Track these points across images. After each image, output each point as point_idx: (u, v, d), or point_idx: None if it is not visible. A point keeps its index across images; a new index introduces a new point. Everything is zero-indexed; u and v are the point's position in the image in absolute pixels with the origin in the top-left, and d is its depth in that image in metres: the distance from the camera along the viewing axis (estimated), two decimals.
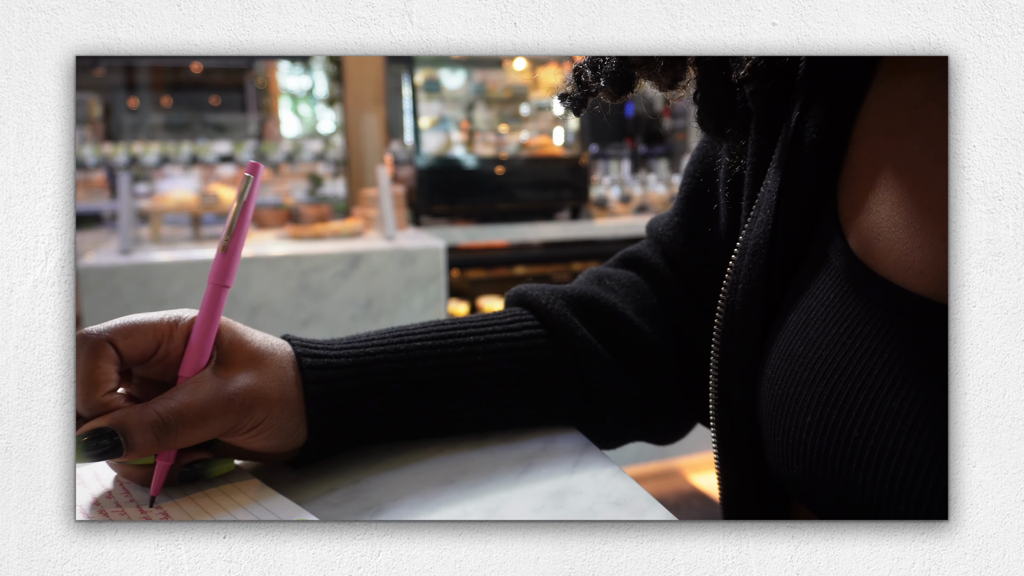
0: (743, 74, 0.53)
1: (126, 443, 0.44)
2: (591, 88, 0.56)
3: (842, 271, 0.48)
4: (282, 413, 0.48)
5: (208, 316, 0.47)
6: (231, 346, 0.48)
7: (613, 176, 3.38)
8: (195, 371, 0.47)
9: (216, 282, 0.47)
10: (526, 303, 0.60)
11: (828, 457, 0.46)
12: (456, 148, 2.88)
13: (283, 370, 0.49)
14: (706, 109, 0.56)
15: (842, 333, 0.47)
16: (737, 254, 0.55)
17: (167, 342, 0.47)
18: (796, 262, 0.52)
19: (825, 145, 0.51)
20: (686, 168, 0.65)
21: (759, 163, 0.55)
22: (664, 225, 0.67)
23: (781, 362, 0.50)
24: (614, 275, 0.66)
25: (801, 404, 0.47)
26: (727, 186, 0.60)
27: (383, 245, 2.26)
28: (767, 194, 0.53)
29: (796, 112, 0.53)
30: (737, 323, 0.54)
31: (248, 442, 0.48)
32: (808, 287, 0.50)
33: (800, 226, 0.52)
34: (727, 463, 0.57)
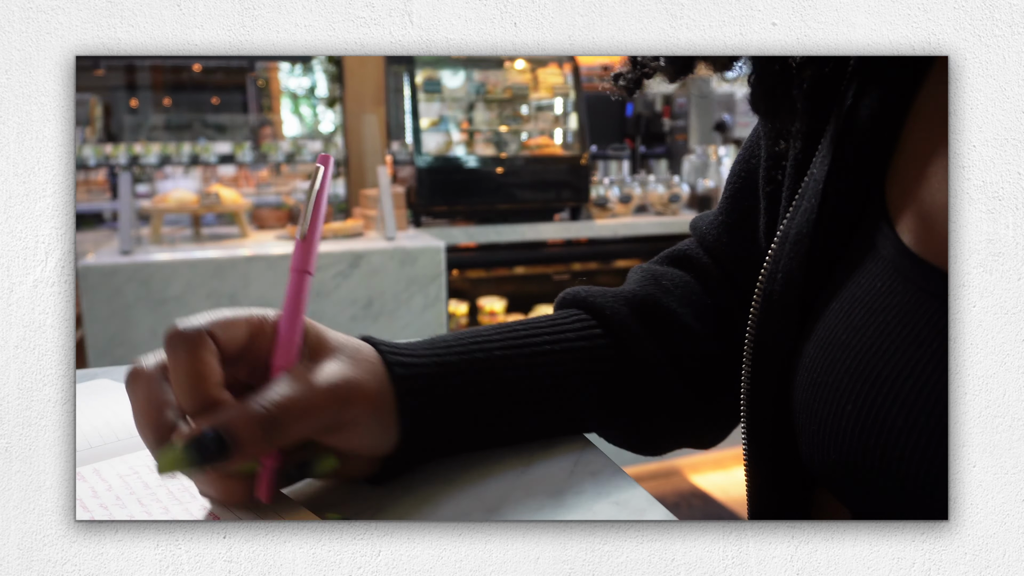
0: (800, 59, 0.53)
1: (234, 443, 0.40)
2: (648, 70, 0.56)
3: (890, 260, 0.48)
4: (378, 405, 0.47)
5: (294, 304, 0.46)
6: (318, 340, 0.46)
7: (613, 176, 3.38)
8: (289, 362, 0.45)
9: (299, 268, 0.47)
10: (589, 307, 0.59)
11: (869, 446, 0.45)
12: (456, 148, 2.88)
13: (374, 365, 0.48)
14: (759, 91, 0.56)
15: (889, 321, 0.46)
16: (777, 242, 0.54)
17: (259, 336, 0.45)
18: (839, 252, 0.52)
19: (877, 131, 0.51)
20: (732, 167, 0.65)
21: (803, 153, 0.55)
22: (709, 224, 0.67)
23: (821, 350, 0.49)
24: (668, 275, 0.65)
25: (842, 391, 0.47)
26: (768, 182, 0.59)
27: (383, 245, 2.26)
28: (813, 182, 0.52)
29: (849, 99, 0.52)
30: (775, 311, 0.53)
31: (345, 440, 0.46)
32: (853, 276, 0.50)
33: (847, 214, 0.51)
34: (757, 457, 0.56)
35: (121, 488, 0.49)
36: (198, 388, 0.42)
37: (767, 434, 0.54)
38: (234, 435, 0.41)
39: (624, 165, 3.64)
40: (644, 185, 3.11)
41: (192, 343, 0.42)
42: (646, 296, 0.61)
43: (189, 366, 0.42)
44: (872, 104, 0.51)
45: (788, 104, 0.56)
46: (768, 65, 0.55)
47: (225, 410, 0.41)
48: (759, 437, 0.55)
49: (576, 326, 0.58)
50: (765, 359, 0.54)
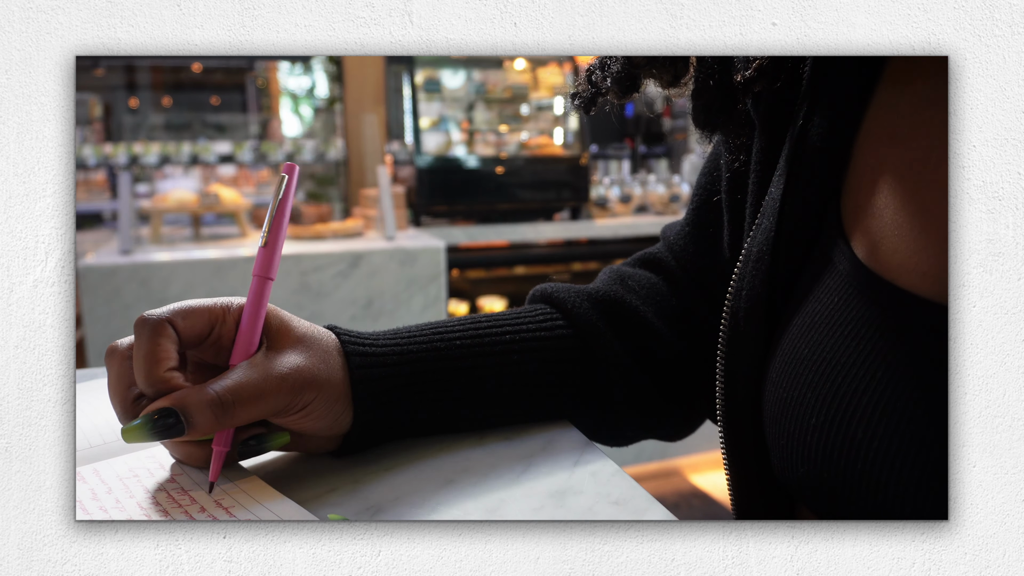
0: (749, 74, 0.53)
1: (187, 422, 0.45)
2: (601, 88, 0.57)
3: (846, 275, 0.48)
4: (330, 394, 0.50)
5: (255, 307, 0.50)
6: (279, 331, 0.50)
7: (613, 176, 3.37)
8: (245, 357, 0.49)
9: (259, 274, 0.50)
10: (554, 303, 0.62)
11: (833, 459, 0.46)
12: (456, 148, 2.88)
13: (330, 355, 0.51)
14: (701, 106, 0.57)
15: (847, 336, 0.47)
16: (742, 261, 0.55)
17: (220, 325, 0.49)
18: (799, 268, 0.52)
19: (829, 151, 0.52)
20: (697, 179, 0.67)
21: (763, 170, 0.55)
22: (676, 233, 0.68)
23: (785, 366, 0.50)
24: (635, 275, 0.67)
25: (806, 406, 0.47)
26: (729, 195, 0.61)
27: (383, 245, 2.26)
28: (771, 201, 0.53)
29: (800, 120, 0.53)
30: (741, 328, 0.54)
31: (298, 423, 0.50)
32: (812, 291, 0.50)
33: (804, 232, 0.52)
34: (736, 466, 0.57)
35: (120, 488, 0.49)
36: (151, 370, 0.46)
37: (745, 448, 0.55)
38: (188, 415, 0.45)
39: (624, 165, 3.64)
40: (644, 185, 3.11)
41: (152, 329, 0.47)
42: (610, 292, 0.63)
43: (147, 350, 0.46)
44: (822, 127, 0.52)
45: (730, 119, 0.57)
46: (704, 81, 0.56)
47: (184, 392, 0.46)
48: (737, 451, 0.56)
49: (539, 319, 0.60)
50: (736, 376, 0.55)
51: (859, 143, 0.52)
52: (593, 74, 0.58)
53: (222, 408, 0.46)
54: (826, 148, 0.52)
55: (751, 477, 0.55)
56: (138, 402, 0.48)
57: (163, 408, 0.45)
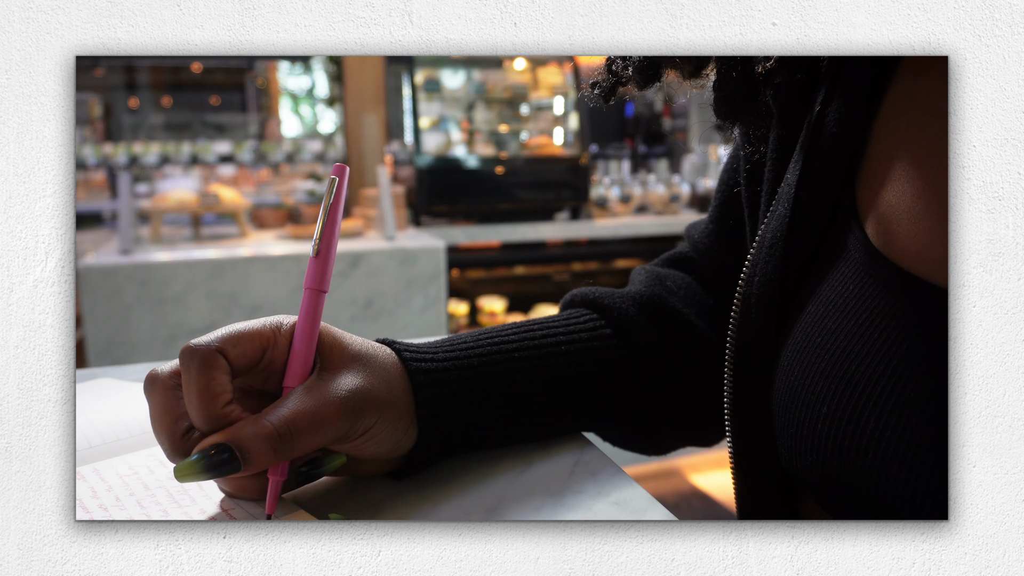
0: (770, 65, 0.53)
1: (243, 458, 0.42)
2: (622, 78, 0.57)
3: (861, 262, 0.48)
4: (392, 415, 0.47)
5: (309, 322, 0.46)
6: (332, 350, 0.47)
7: (613, 176, 3.38)
8: (301, 379, 0.45)
9: (312, 287, 0.46)
10: (599, 308, 0.61)
11: (843, 448, 0.45)
12: (456, 148, 2.88)
13: (389, 372, 0.48)
14: (723, 97, 0.57)
15: (861, 324, 0.46)
16: (755, 247, 0.55)
17: (272, 349, 0.46)
18: (813, 255, 0.52)
19: (845, 138, 0.51)
20: (720, 176, 0.66)
21: (779, 158, 0.55)
22: (701, 232, 0.68)
23: (797, 353, 0.49)
24: (671, 276, 0.67)
25: (817, 395, 0.47)
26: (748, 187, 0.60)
27: (383, 245, 2.26)
28: (786, 187, 0.53)
29: (817, 106, 0.53)
30: (753, 315, 0.54)
31: (358, 448, 0.47)
32: (826, 279, 0.50)
33: (818, 218, 0.52)
34: (742, 459, 0.57)
35: (121, 488, 0.49)
36: (207, 406, 0.43)
37: (750, 437, 0.55)
38: (244, 450, 0.42)
39: (624, 165, 3.64)
40: (644, 185, 3.11)
41: (203, 361, 0.43)
42: (653, 296, 0.63)
43: (200, 384, 0.43)
44: (838, 114, 0.51)
45: (751, 110, 0.57)
46: (727, 72, 0.56)
47: (238, 426, 0.43)
48: (743, 440, 0.56)
49: (589, 326, 0.59)
50: (745, 363, 0.54)
51: (876, 130, 0.51)
52: (614, 64, 0.57)
53: (280, 441, 0.43)
54: (842, 134, 0.51)
55: (756, 467, 0.55)
56: (187, 436, 0.44)
57: (217, 444, 0.42)
